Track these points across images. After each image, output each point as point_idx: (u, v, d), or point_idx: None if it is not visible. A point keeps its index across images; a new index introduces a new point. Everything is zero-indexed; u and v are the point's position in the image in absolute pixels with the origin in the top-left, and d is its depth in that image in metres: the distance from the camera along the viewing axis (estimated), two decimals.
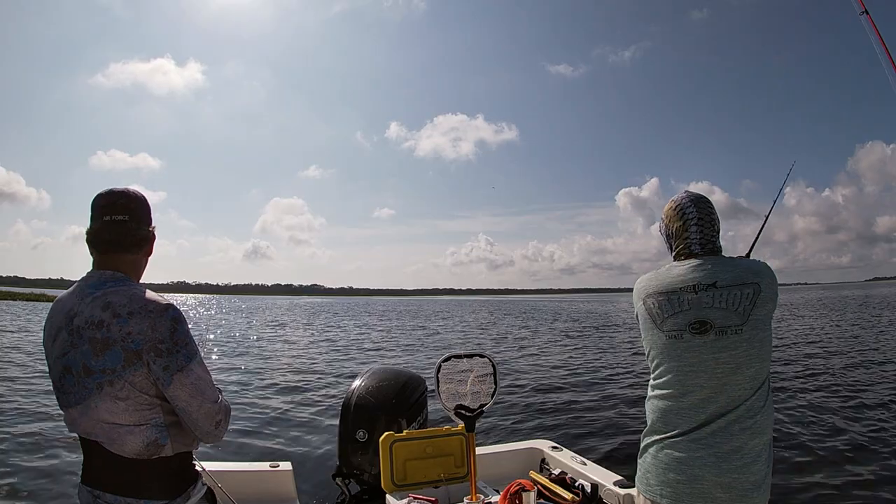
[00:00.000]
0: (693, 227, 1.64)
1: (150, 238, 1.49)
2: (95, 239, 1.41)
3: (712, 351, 1.49)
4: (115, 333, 1.28)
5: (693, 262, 1.60)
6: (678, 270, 1.60)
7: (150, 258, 1.55)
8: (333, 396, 7.94)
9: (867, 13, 2.48)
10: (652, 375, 1.64)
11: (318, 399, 8.00)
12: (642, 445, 1.63)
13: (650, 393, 1.63)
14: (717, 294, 1.51)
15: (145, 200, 1.51)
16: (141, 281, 1.52)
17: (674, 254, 1.68)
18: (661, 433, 1.56)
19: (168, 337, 1.30)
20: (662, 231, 1.75)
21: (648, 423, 1.62)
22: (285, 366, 11.61)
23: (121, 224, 1.41)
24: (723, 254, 1.65)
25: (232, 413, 1.56)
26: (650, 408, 1.62)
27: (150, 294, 1.36)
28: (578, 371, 10.55)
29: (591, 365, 11.40)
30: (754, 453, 1.46)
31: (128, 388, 1.29)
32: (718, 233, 1.66)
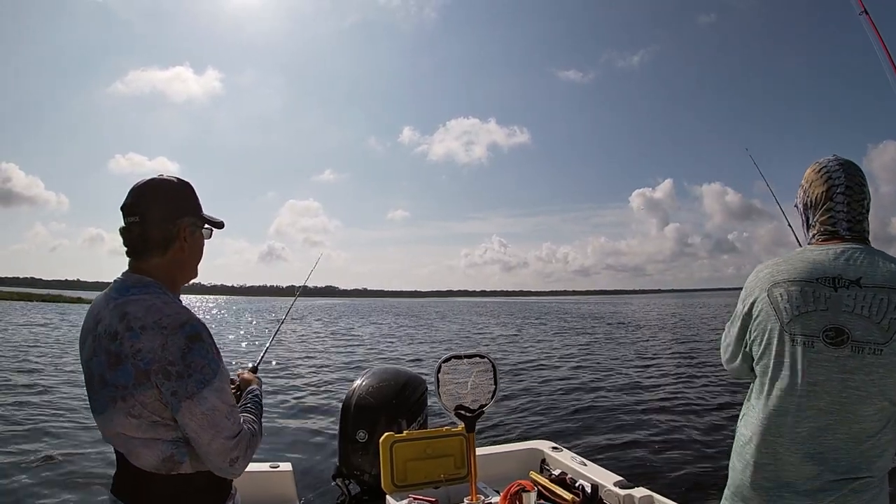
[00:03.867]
0: (840, 195, 1.27)
1: (174, 236, 1.27)
2: (123, 243, 1.29)
3: (843, 370, 1.16)
4: (126, 349, 1.15)
5: (836, 246, 1.24)
6: (815, 255, 1.24)
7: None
8: (334, 397, 7.94)
9: (866, 13, 2.48)
10: (756, 387, 1.29)
11: (319, 399, 8.00)
12: (734, 481, 1.31)
13: (752, 411, 1.29)
14: (861, 296, 1.16)
15: (171, 190, 1.30)
16: (184, 281, 1.35)
17: (811, 233, 1.33)
18: (769, 470, 1.22)
19: (179, 358, 1.14)
20: (800, 203, 1.38)
21: (747, 455, 1.27)
22: (285, 365, 11.61)
23: (132, 228, 1.26)
24: (869, 243, 1.27)
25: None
26: (750, 428, 1.28)
27: (170, 306, 1.20)
28: (579, 371, 10.55)
29: (593, 365, 11.40)
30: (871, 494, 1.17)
31: (139, 408, 1.16)
32: (868, 213, 1.29)
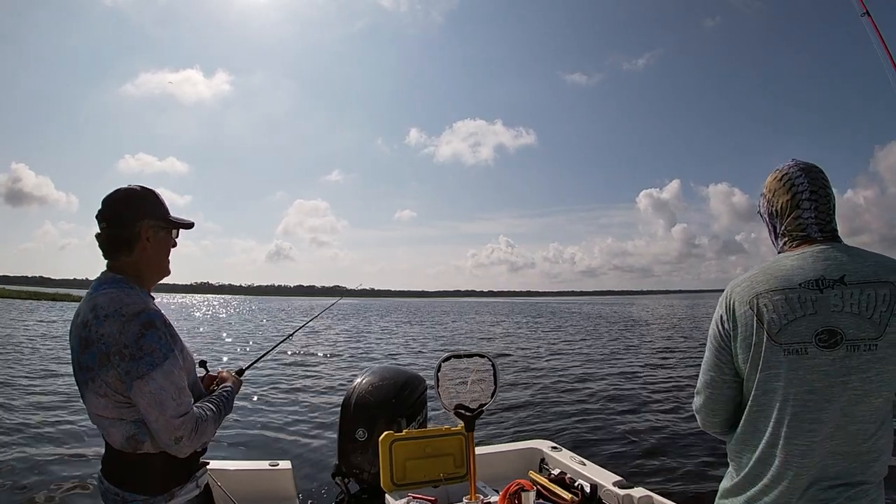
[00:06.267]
0: (806, 202, 1.26)
1: (136, 237, 1.45)
2: (98, 245, 1.48)
3: (841, 373, 1.11)
4: (93, 334, 1.33)
5: (811, 248, 1.21)
6: (792, 261, 1.21)
7: (174, 255, 1.54)
8: (333, 395, 7.95)
9: (868, 14, 2.49)
10: (748, 406, 1.22)
11: (318, 398, 8.00)
12: (727, 494, 1.26)
13: (743, 433, 1.23)
14: (847, 293, 1.12)
15: (134, 197, 1.47)
16: (161, 278, 1.53)
17: (781, 241, 1.30)
18: (764, 482, 1.17)
19: (133, 342, 1.30)
20: (763, 211, 1.36)
21: (742, 468, 1.23)
22: (286, 365, 11.62)
23: (102, 233, 1.45)
24: (841, 241, 1.25)
25: (229, 416, 1.55)
26: (740, 449, 1.24)
27: (131, 297, 1.37)
28: (580, 371, 10.55)
29: (594, 365, 11.40)
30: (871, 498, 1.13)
31: (104, 387, 1.33)
32: (834, 213, 1.27)
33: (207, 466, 1.53)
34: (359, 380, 3.27)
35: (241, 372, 1.82)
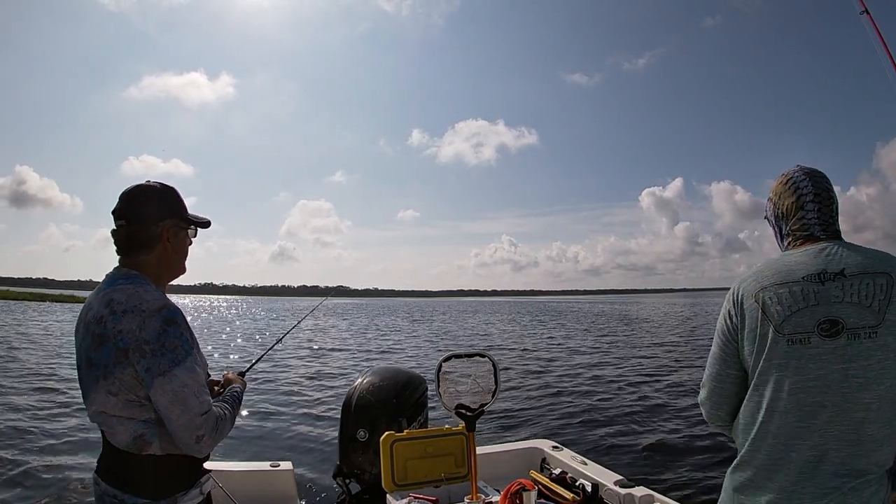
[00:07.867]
0: (810, 203, 1.33)
1: (157, 237, 1.41)
2: (114, 243, 1.43)
3: (841, 360, 1.16)
4: (109, 330, 1.27)
5: (814, 246, 1.29)
6: (796, 257, 1.28)
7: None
8: (334, 396, 7.95)
9: (867, 12, 2.49)
10: (750, 395, 1.27)
11: (319, 398, 8.01)
12: (734, 484, 1.29)
13: (747, 418, 1.27)
14: (847, 284, 1.19)
15: (155, 195, 1.43)
16: (171, 277, 1.47)
17: (787, 241, 1.37)
18: (769, 471, 1.21)
19: (154, 338, 1.26)
20: (770, 214, 1.44)
21: (747, 458, 1.26)
22: (286, 365, 11.63)
23: (120, 230, 1.40)
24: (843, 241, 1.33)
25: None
26: (744, 436, 1.28)
27: (150, 293, 1.32)
28: (581, 370, 10.55)
29: (593, 365, 11.40)
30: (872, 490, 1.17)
31: (118, 385, 1.27)
32: (837, 216, 1.35)
33: (210, 473, 1.47)
34: (360, 380, 3.27)
35: (242, 374, 1.80)
